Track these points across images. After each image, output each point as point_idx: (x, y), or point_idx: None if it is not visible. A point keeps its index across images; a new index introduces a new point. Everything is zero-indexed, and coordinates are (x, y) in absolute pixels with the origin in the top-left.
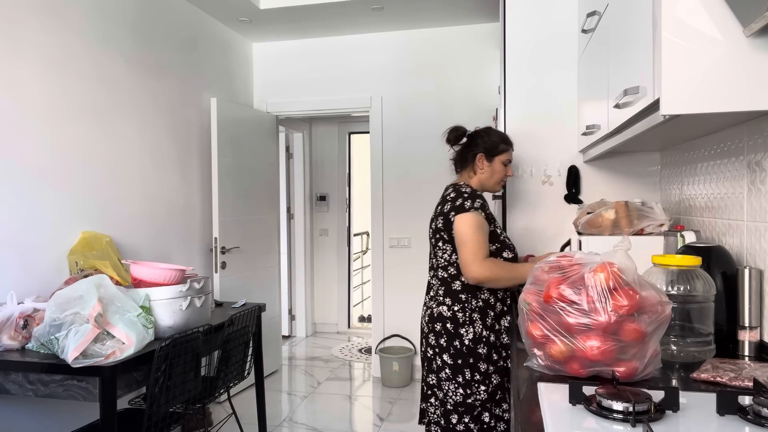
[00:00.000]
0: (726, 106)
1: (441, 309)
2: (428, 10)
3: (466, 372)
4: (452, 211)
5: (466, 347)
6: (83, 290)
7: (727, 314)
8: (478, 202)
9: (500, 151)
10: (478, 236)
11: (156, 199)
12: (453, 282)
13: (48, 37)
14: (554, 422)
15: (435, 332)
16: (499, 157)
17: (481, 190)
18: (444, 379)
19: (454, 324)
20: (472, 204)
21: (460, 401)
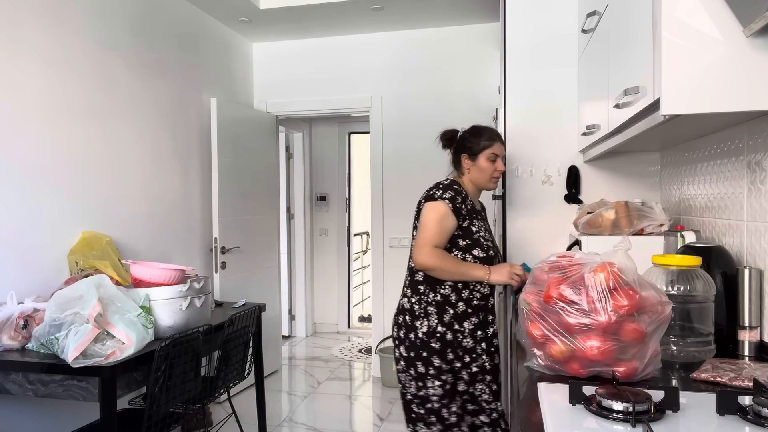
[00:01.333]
0: (726, 106)
1: (403, 301)
2: (428, 10)
3: (418, 365)
4: (423, 200)
5: (419, 340)
6: (83, 290)
7: (727, 314)
8: (448, 194)
9: (482, 148)
10: (437, 225)
11: (156, 199)
12: (416, 273)
13: (48, 38)
14: (554, 422)
15: (397, 324)
16: (483, 154)
17: (476, 189)
18: (400, 371)
19: (412, 316)
20: (441, 194)
21: (414, 393)
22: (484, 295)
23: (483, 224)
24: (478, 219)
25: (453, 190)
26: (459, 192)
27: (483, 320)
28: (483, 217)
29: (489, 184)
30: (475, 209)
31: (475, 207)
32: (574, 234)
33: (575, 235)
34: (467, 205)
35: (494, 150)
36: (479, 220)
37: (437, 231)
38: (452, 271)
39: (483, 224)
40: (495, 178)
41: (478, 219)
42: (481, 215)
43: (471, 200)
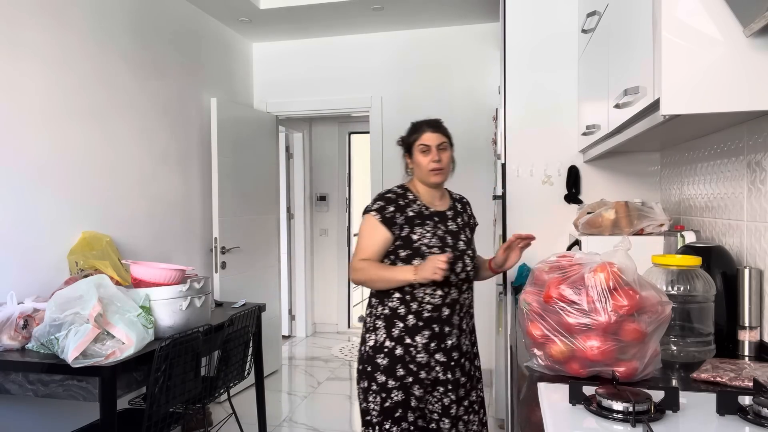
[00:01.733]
0: (726, 106)
1: (364, 314)
2: (428, 10)
3: (364, 379)
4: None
5: (366, 354)
6: (83, 290)
7: (727, 314)
8: (377, 204)
9: (412, 142)
10: (366, 238)
11: (156, 199)
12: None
13: (48, 38)
14: (554, 422)
15: (360, 337)
16: (415, 147)
17: (429, 189)
18: (356, 382)
19: (365, 329)
20: (371, 205)
21: (363, 407)
22: (436, 306)
23: (434, 229)
24: (424, 225)
25: (385, 199)
26: (394, 200)
27: (438, 333)
28: (438, 221)
29: (429, 179)
30: (423, 214)
31: (424, 212)
32: (574, 234)
33: (575, 235)
34: (408, 211)
35: (423, 140)
36: (427, 225)
37: (366, 244)
38: (380, 279)
39: (434, 229)
40: (433, 170)
41: (426, 225)
42: (434, 219)
43: (421, 204)
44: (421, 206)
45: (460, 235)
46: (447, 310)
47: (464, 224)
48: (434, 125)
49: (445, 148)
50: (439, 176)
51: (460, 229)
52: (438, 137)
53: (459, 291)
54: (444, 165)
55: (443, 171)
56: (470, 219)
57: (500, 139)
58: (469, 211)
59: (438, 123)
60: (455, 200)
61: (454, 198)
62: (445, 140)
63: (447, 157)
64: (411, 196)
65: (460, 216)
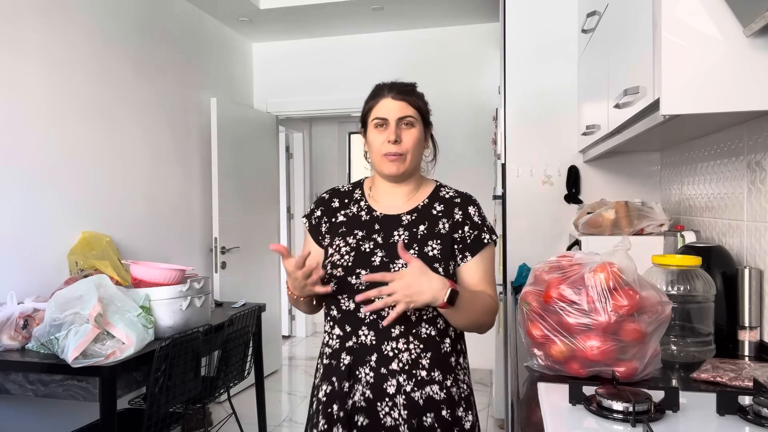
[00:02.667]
0: (726, 106)
1: None
2: (428, 10)
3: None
4: None
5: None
6: (83, 290)
7: (727, 314)
8: (309, 208)
9: (366, 113)
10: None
11: (156, 199)
12: None
13: (48, 39)
14: (554, 422)
15: None
16: (369, 123)
17: (388, 181)
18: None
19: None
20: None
21: None
22: (335, 350)
23: (361, 241)
24: (349, 234)
25: (319, 200)
26: (327, 200)
27: (338, 390)
28: (379, 229)
29: (383, 168)
30: (358, 220)
31: (361, 216)
32: (574, 234)
33: (575, 235)
34: (339, 215)
35: (379, 111)
36: (353, 235)
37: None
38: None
39: (361, 241)
40: (389, 155)
41: (350, 234)
42: (371, 227)
43: (364, 206)
44: (362, 209)
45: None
46: (348, 357)
47: (434, 235)
48: (398, 89)
49: (410, 123)
50: (396, 164)
51: (418, 240)
52: (401, 107)
53: (380, 335)
54: (406, 148)
55: (403, 158)
56: (459, 229)
57: (500, 139)
58: (459, 218)
59: (405, 87)
60: (439, 199)
61: (440, 197)
62: (410, 113)
63: (413, 137)
64: (358, 194)
65: (433, 222)
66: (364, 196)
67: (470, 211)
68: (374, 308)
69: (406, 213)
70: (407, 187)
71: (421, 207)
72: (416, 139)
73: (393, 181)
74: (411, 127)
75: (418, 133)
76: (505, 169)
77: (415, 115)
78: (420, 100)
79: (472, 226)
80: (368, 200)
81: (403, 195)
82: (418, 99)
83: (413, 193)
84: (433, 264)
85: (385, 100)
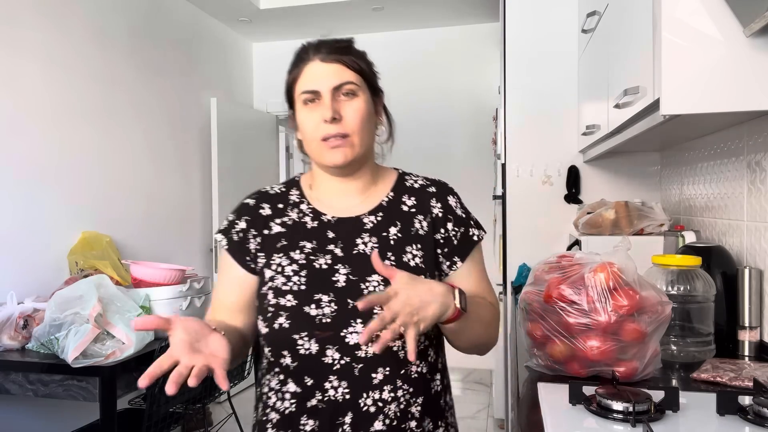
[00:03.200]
0: (726, 106)
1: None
2: (428, 10)
3: None
4: None
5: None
6: (83, 290)
7: (727, 314)
8: (227, 220)
9: (289, 87)
10: (218, 282)
11: (156, 199)
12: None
13: (49, 38)
14: (554, 422)
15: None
16: (297, 99)
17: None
18: None
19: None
20: (224, 224)
21: None
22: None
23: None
24: (293, 249)
25: (242, 208)
26: (253, 208)
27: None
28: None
29: (324, 157)
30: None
31: (305, 223)
32: (574, 234)
33: (575, 235)
34: (272, 226)
35: (306, 81)
36: (299, 250)
37: (217, 290)
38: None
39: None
40: (329, 139)
41: (295, 249)
42: (321, 236)
43: (305, 209)
44: (306, 213)
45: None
46: (311, 423)
47: (411, 238)
48: (328, 48)
49: (352, 92)
50: (342, 151)
51: (392, 247)
52: (335, 72)
53: (357, 384)
54: (350, 127)
55: (348, 140)
56: (441, 227)
57: (500, 139)
58: (439, 212)
59: (338, 44)
60: (407, 191)
61: (407, 187)
62: (350, 78)
63: (358, 111)
64: (295, 196)
65: (407, 221)
66: (304, 197)
67: (451, 203)
68: (383, 344)
69: (368, 213)
70: (360, 181)
71: (386, 203)
72: (363, 112)
73: (340, 174)
74: (353, 97)
75: (364, 104)
76: (505, 169)
77: (357, 81)
78: (361, 60)
79: (457, 221)
80: (310, 201)
81: (356, 191)
82: (358, 58)
83: (370, 186)
84: (416, 275)
85: (312, 65)
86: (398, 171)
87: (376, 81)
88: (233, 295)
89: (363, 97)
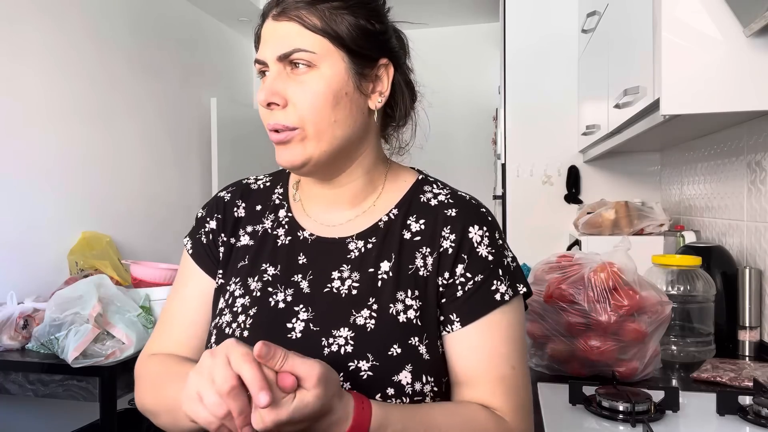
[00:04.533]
0: (726, 106)
1: None
2: (428, 10)
3: None
4: None
5: None
6: (83, 290)
7: (727, 314)
8: (198, 215)
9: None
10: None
11: (156, 198)
12: None
13: (48, 38)
14: (554, 422)
15: None
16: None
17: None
18: None
19: None
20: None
21: None
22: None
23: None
24: (257, 273)
25: (214, 202)
26: (227, 204)
27: None
28: (309, 263)
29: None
30: (276, 242)
31: (279, 237)
32: (574, 234)
33: (575, 235)
34: (240, 234)
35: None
36: (264, 276)
37: (166, 308)
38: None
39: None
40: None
41: (260, 272)
42: (293, 259)
43: (284, 216)
44: (280, 222)
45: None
46: None
47: (408, 281)
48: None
49: (307, 62)
50: (288, 150)
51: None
52: (286, 33)
53: None
54: (301, 115)
55: (299, 134)
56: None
57: (500, 139)
58: (449, 246)
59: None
60: (419, 209)
61: (421, 203)
62: (302, 46)
63: (313, 91)
64: (278, 195)
65: (408, 253)
66: (287, 199)
67: (472, 235)
68: None
69: (357, 236)
70: (347, 188)
71: (383, 224)
72: (321, 93)
73: (300, 173)
74: (308, 71)
75: (324, 81)
76: (505, 169)
77: (317, 46)
78: (342, 10)
79: (473, 264)
80: (292, 207)
81: (346, 201)
82: (330, 11)
83: (367, 195)
84: (407, 337)
85: (266, 24)
86: (418, 176)
87: (370, 42)
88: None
89: (327, 70)
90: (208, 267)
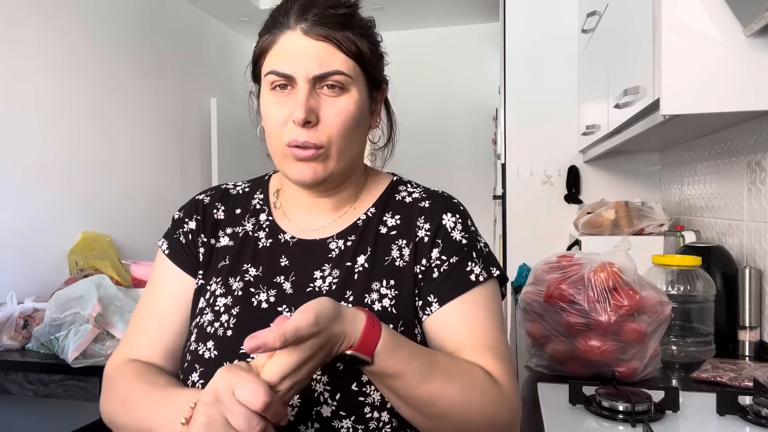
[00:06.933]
0: (726, 106)
1: None
2: (428, 10)
3: None
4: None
5: None
6: (83, 290)
7: (727, 314)
8: (175, 216)
9: (257, 58)
10: (140, 300)
11: (156, 199)
12: None
13: (49, 39)
14: (554, 422)
15: None
16: (262, 76)
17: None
18: None
19: None
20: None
21: None
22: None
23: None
24: (238, 273)
25: (193, 204)
26: (207, 207)
27: None
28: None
29: (287, 168)
30: (256, 245)
31: (258, 239)
32: (574, 234)
33: (575, 235)
34: (220, 236)
35: (278, 59)
36: (246, 276)
37: (136, 315)
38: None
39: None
40: (295, 148)
41: (242, 273)
42: (274, 262)
43: (265, 220)
44: (262, 226)
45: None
46: None
47: (383, 272)
48: (319, 13)
49: (340, 85)
50: (311, 167)
51: (354, 284)
52: (322, 52)
53: None
54: (329, 136)
55: (323, 153)
56: (425, 255)
57: (500, 139)
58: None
59: (332, 9)
60: (395, 206)
61: (396, 202)
62: (340, 68)
63: (344, 114)
64: (258, 200)
65: (383, 247)
66: (267, 203)
67: (445, 222)
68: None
69: (337, 236)
70: (335, 199)
71: (362, 223)
72: (350, 116)
73: (307, 190)
74: (341, 93)
75: (354, 105)
76: (505, 169)
77: (351, 70)
78: (363, 38)
79: (448, 247)
80: (273, 212)
81: (329, 207)
82: (359, 36)
83: (349, 202)
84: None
85: (289, 36)
86: (393, 177)
87: (379, 68)
88: (165, 317)
89: (355, 93)
90: (187, 266)
